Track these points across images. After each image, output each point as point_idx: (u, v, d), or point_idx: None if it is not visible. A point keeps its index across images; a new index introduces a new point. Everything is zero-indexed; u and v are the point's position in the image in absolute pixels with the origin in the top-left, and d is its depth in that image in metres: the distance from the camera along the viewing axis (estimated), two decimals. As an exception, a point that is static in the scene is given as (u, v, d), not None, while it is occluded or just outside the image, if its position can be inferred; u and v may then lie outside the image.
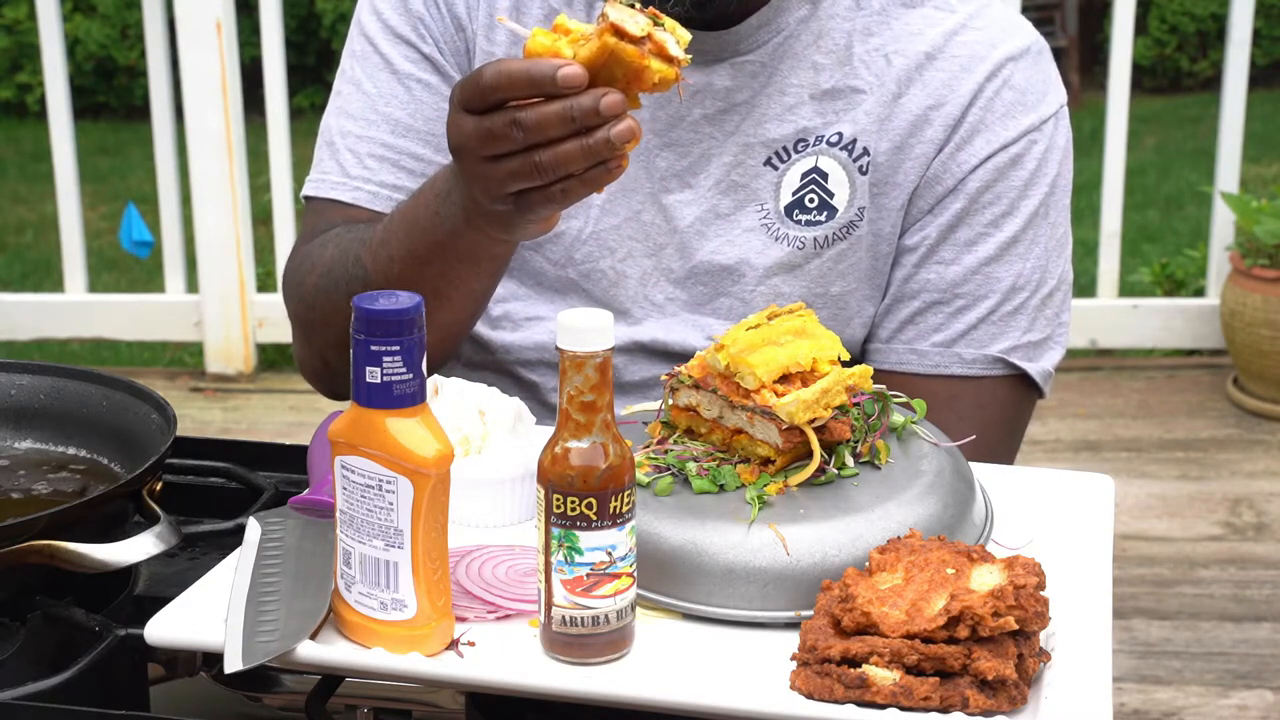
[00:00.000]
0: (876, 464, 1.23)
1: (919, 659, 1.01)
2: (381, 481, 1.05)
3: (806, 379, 1.21)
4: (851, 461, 1.22)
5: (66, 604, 1.19)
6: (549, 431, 1.09)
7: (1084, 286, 4.71)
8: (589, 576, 1.06)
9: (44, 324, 4.78)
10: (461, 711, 1.14)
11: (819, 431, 1.20)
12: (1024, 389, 1.56)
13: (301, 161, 2.21)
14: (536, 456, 1.08)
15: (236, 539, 1.23)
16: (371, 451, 1.05)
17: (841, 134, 1.50)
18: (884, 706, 1.00)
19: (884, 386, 1.28)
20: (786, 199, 1.52)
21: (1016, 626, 1.02)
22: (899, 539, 1.12)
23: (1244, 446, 4.02)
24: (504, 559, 1.19)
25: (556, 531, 1.06)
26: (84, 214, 4.76)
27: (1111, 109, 4.41)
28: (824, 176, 1.51)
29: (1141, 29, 7.89)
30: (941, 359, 1.53)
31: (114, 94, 8.75)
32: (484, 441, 1.30)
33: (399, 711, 1.18)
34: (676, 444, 1.25)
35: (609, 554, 1.06)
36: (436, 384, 1.32)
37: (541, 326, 1.58)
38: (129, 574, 1.28)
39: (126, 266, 6.10)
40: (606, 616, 1.07)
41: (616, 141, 1.17)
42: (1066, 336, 1.58)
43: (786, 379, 1.21)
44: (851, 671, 1.01)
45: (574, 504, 1.05)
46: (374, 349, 1.04)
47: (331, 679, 1.14)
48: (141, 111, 6.63)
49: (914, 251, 1.53)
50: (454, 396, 1.32)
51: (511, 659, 1.08)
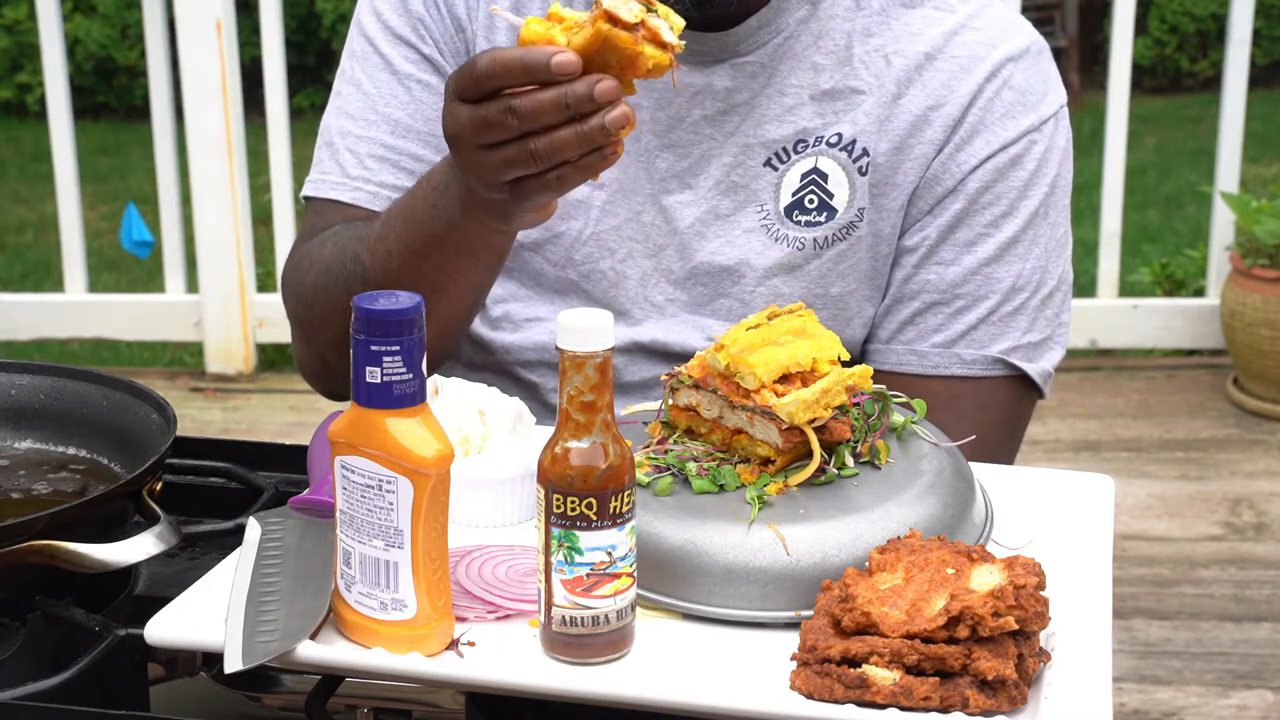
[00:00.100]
0: (876, 464, 1.23)
1: (919, 659, 1.01)
2: (381, 481, 1.05)
3: (806, 379, 1.21)
4: (851, 461, 1.22)
5: (66, 604, 1.19)
6: (549, 431, 1.09)
7: (1084, 286, 4.70)
8: (589, 576, 1.06)
9: (44, 324, 4.78)
10: (461, 711, 1.14)
11: (819, 431, 1.20)
12: (1024, 389, 1.56)
13: (301, 161, 2.21)
14: (536, 456, 1.08)
15: (236, 539, 1.23)
16: (371, 451, 1.05)
17: (841, 135, 1.50)
18: (884, 706, 1.00)
19: (884, 386, 1.28)
20: (786, 200, 1.52)
21: (1016, 626, 1.02)
22: (899, 539, 1.12)
23: (1244, 446, 4.02)
24: (504, 559, 1.19)
25: (556, 531, 1.06)
26: (84, 214, 4.76)
27: (1111, 109, 4.41)
28: (824, 177, 1.51)
29: (1141, 29, 7.89)
30: (941, 359, 1.53)
31: (114, 94, 8.75)
32: (484, 441, 1.30)
33: (399, 711, 1.18)
34: (676, 444, 1.25)
35: (609, 554, 1.06)
36: (436, 384, 1.32)
37: (541, 327, 1.58)
38: (129, 574, 1.28)
39: (126, 266, 6.10)
40: (606, 616, 1.07)
41: (611, 128, 1.17)
42: (1066, 337, 1.58)
43: (786, 379, 1.20)
44: (851, 671, 1.01)
45: (574, 504, 1.05)
46: (374, 349, 1.04)
47: (331, 679, 1.14)
48: (141, 111, 6.63)
49: (914, 252, 1.53)
50: (454, 396, 1.32)
51: (511, 659, 1.08)
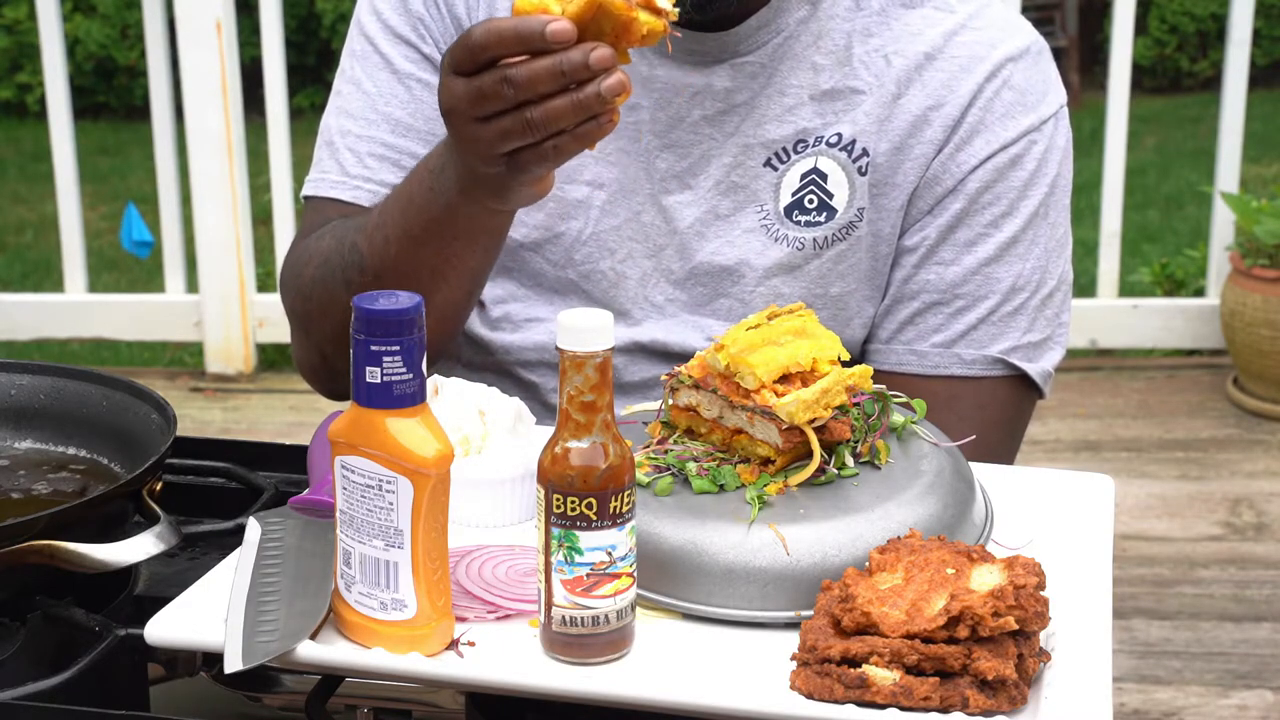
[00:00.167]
0: (876, 464, 1.23)
1: (919, 659, 1.01)
2: (381, 481, 1.05)
3: (806, 379, 1.21)
4: (851, 461, 1.22)
5: (66, 604, 1.19)
6: (549, 431, 1.09)
7: (1084, 286, 4.70)
8: (589, 576, 1.06)
9: (44, 324, 4.78)
10: (461, 711, 1.14)
11: (819, 431, 1.20)
12: (1024, 389, 1.56)
13: (301, 161, 2.21)
14: (536, 456, 1.08)
15: (236, 539, 1.23)
16: (371, 451, 1.05)
17: (841, 135, 1.50)
18: (884, 706, 1.00)
19: (884, 386, 1.28)
20: (786, 200, 1.52)
21: (1016, 626, 1.01)
22: (899, 539, 1.12)
23: (1244, 446, 4.02)
24: (504, 559, 1.19)
25: (556, 531, 1.06)
26: (84, 214, 4.76)
27: (1111, 109, 4.41)
28: (823, 177, 1.51)
29: (1141, 29, 7.89)
30: (941, 359, 1.53)
31: (114, 94, 8.75)
32: (484, 441, 1.30)
33: (399, 711, 1.18)
34: (676, 444, 1.25)
35: (609, 554, 1.06)
36: (436, 384, 1.32)
37: (541, 327, 1.58)
38: (129, 574, 1.28)
39: (126, 266, 6.10)
40: (606, 616, 1.07)
41: (607, 95, 1.17)
42: (1066, 337, 1.58)
43: (786, 379, 1.20)
44: (851, 671, 1.01)
45: (574, 504, 1.05)
46: (374, 349, 1.04)
47: (331, 679, 1.14)
48: (141, 111, 6.63)
49: (913, 252, 1.53)
50: (454, 396, 1.32)
51: (511, 659, 1.08)
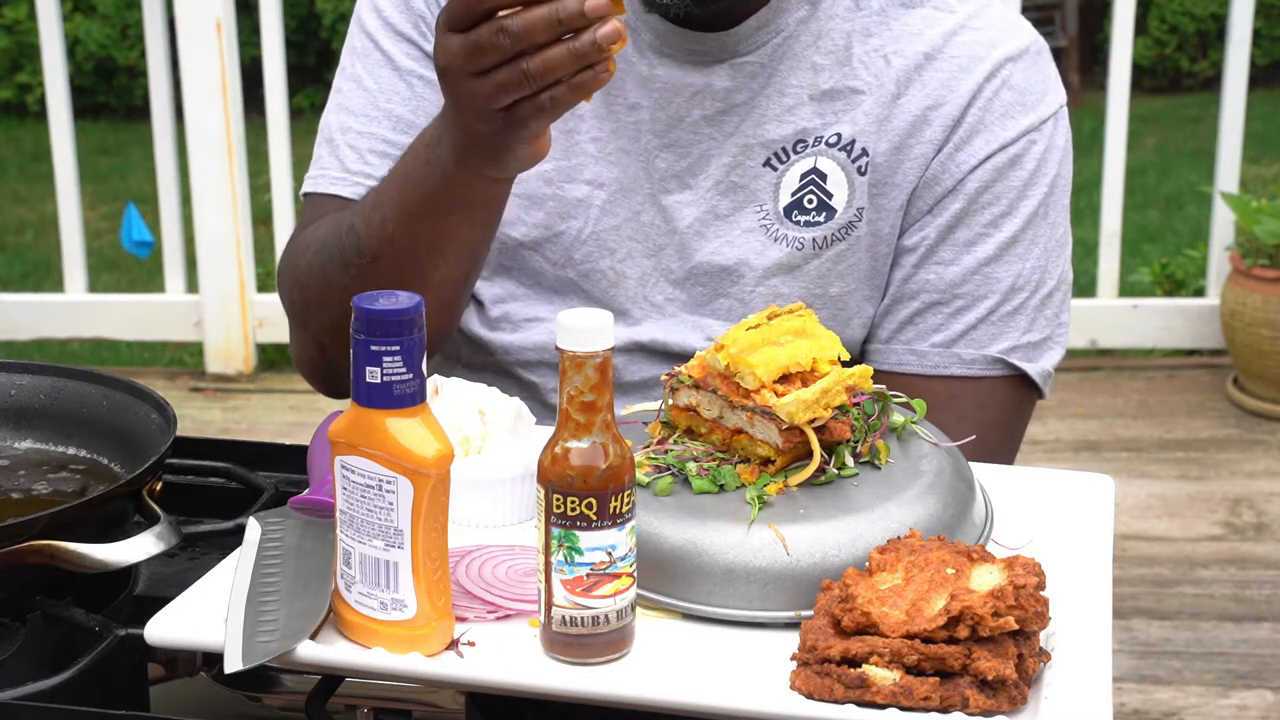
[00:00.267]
0: (876, 464, 1.23)
1: (919, 659, 1.01)
2: (381, 481, 1.05)
3: (806, 379, 1.21)
4: (851, 461, 1.22)
5: (66, 604, 1.19)
6: (549, 431, 1.09)
7: (1084, 286, 4.70)
8: (589, 576, 1.06)
9: (44, 324, 4.78)
10: (461, 711, 1.14)
11: (819, 431, 1.20)
12: (1024, 389, 1.56)
13: (301, 161, 2.21)
14: (536, 456, 1.08)
15: (236, 539, 1.23)
16: (371, 451, 1.05)
17: (840, 135, 1.50)
18: (884, 706, 1.00)
19: (884, 386, 1.28)
20: (785, 200, 1.52)
21: (1016, 626, 1.01)
22: (899, 539, 1.12)
23: (1244, 446, 4.02)
24: (504, 559, 1.19)
25: (556, 531, 1.06)
26: (84, 214, 4.76)
27: (1111, 109, 4.41)
28: (823, 177, 1.51)
29: (1141, 29, 7.89)
30: (941, 359, 1.53)
31: (114, 94, 8.75)
32: (484, 441, 1.30)
33: (399, 711, 1.18)
34: (676, 444, 1.25)
35: (609, 554, 1.06)
36: (436, 384, 1.32)
37: (541, 327, 1.58)
38: (129, 574, 1.28)
39: (126, 266, 6.10)
40: (606, 616, 1.07)
41: (603, 43, 1.18)
42: (1066, 337, 1.58)
43: (786, 379, 1.20)
44: (851, 671, 1.01)
45: (574, 504, 1.05)
46: (374, 349, 1.04)
47: (331, 679, 1.14)
48: (141, 111, 6.63)
49: (913, 252, 1.53)
50: (454, 396, 1.32)
51: (511, 659, 1.08)
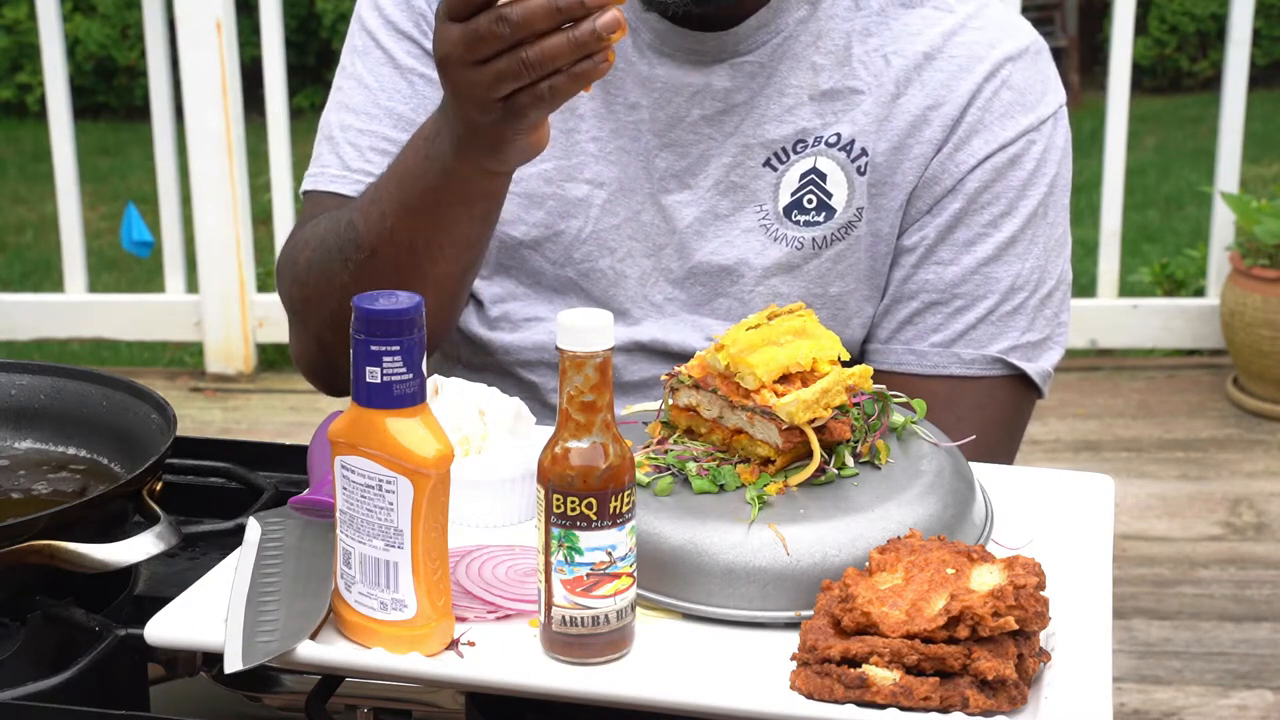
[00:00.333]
0: (876, 464, 1.23)
1: (919, 659, 1.01)
2: (381, 481, 1.05)
3: (806, 379, 1.21)
4: (851, 461, 1.22)
5: (66, 604, 1.19)
6: (549, 431, 1.09)
7: (1084, 286, 4.70)
8: (589, 576, 1.06)
9: (44, 324, 4.78)
10: (461, 711, 1.14)
11: (819, 431, 1.20)
12: (1023, 389, 1.56)
13: (301, 161, 2.21)
14: (536, 456, 1.08)
15: (236, 539, 1.23)
16: (371, 451, 1.05)
17: (840, 134, 1.50)
18: (884, 706, 1.00)
19: (884, 386, 1.28)
20: (785, 200, 1.52)
21: (1016, 626, 1.01)
22: (899, 539, 1.12)
23: (1244, 446, 4.02)
24: (504, 559, 1.19)
25: (556, 531, 1.06)
26: (84, 214, 4.76)
27: (1111, 109, 4.41)
28: (822, 177, 1.51)
29: (1141, 29, 7.89)
30: (940, 359, 1.53)
31: (114, 94, 8.75)
32: (484, 441, 1.30)
33: (399, 711, 1.18)
34: (676, 444, 1.25)
35: (609, 554, 1.06)
36: (436, 384, 1.32)
37: (541, 327, 1.58)
38: (129, 574, 1.28)
39: (126, 266, 6.10)
40: (606, 616, 1.07)
41: (602, 31, 1.17)
42: (1066, 336, 1.58)
43: (786, 379, 1.20)
44: (851, 671, 1.01)
45: (574, 504, 1.05)
46: (374, 349, 1.04)
47: (331, 679, 1.14)
48: (141, 111, 6.63)
49: (912, 252, 1.53)
50: (454, 396, 1.32)
51: (511, 659, 1.08)
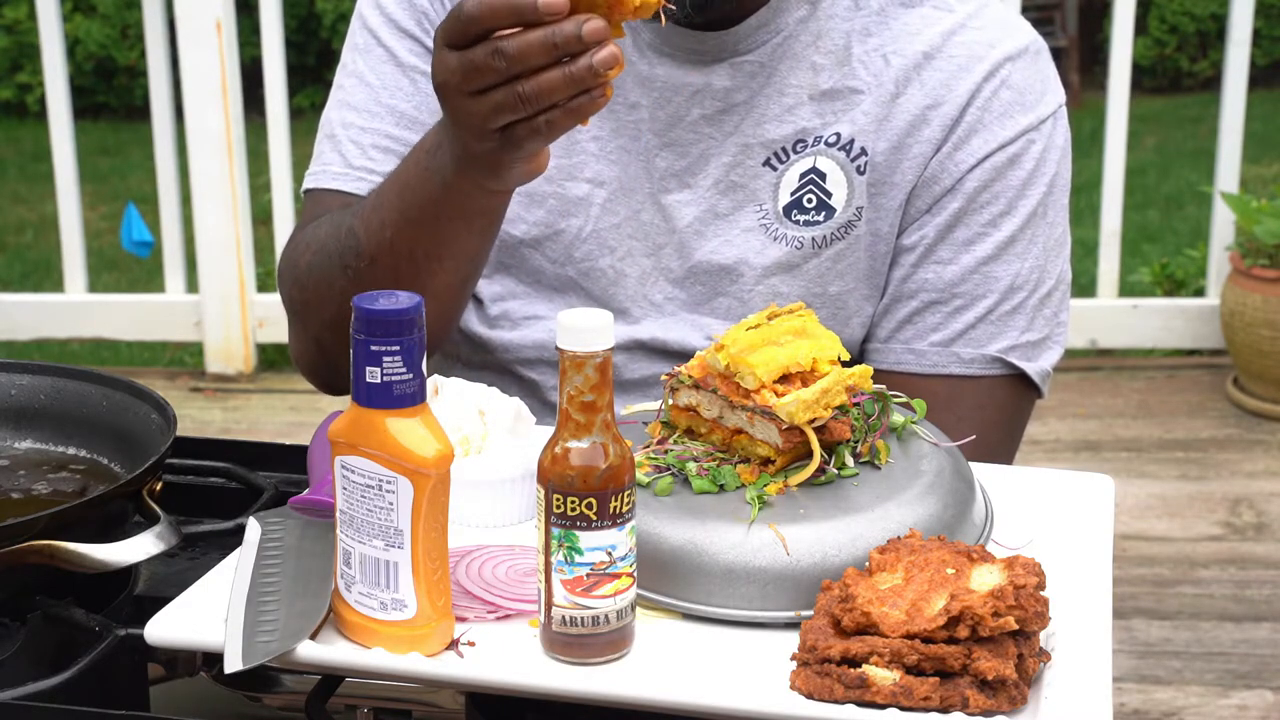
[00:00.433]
0: (876, 464, 1.23)
1: (919, 659, 1.01)
2: (381, 481, 1.05)
3: (806, 379, 1.21)
4: (851, 461, 1.22)
5: (66, 604, 1.19)
6: (549, 431, 1.09)
7: (1084, 286, 4.70)
8: (589, 576, 1.06)
9: (44, 324, 4.78)
10: (461, 711, 1.14)
11: (819, 431, 1.20)
12: (1022, 389, 1.56)
13: (301, 161, 2.21)
14: (536, 456, 1.08)
15: (236, 539, 1.23)
16: (371, 451, 1.05)
17: (840, 134, 1.50)
18: (884, 706, 1.00)
19: (884, 386, 1.28)
20: (785, 199, 1.52)
21: (1016, 626, 1.01)
22: (899, 539, 1.12)
23: (1244, 446, 4.02)
24: (504, 559, 1.19)
25: (556, 531, 1.06)
26: (84, 214, 4.76)
27: (1111, 109, 4.41)
28: (822, 177, 1.51)
29: (1141, 29, 7.89)
30: (940, 359, 1.53)
31: (114, 94, 8.75)
32: (484, 441, 1.30)
33: (399, 711, 1.18)
34: (676, 444, 1.25)
35: (609, 554, 1.06)
36: (436, 384, 1.32)
37: (540, 325, 1.58)
38: (129, 574, 1.28)
39: (126, 266, 6.10)
40: (606, 616, 1.07)
41: (600, 68, 1.17)
42: (1065, 336, 1.58)
43: (786, 379, 1.20)
44: (851, 671, 1.01)
45: (574, 504, 1.05)
46: (374, 349, 1.04)
47: (331, 679, 1.14)
48: (141, 111, 6.63)
49: (912, 251, 1.53)
50: (454, 396, 1.32)
51: (511, 659, 1.08)
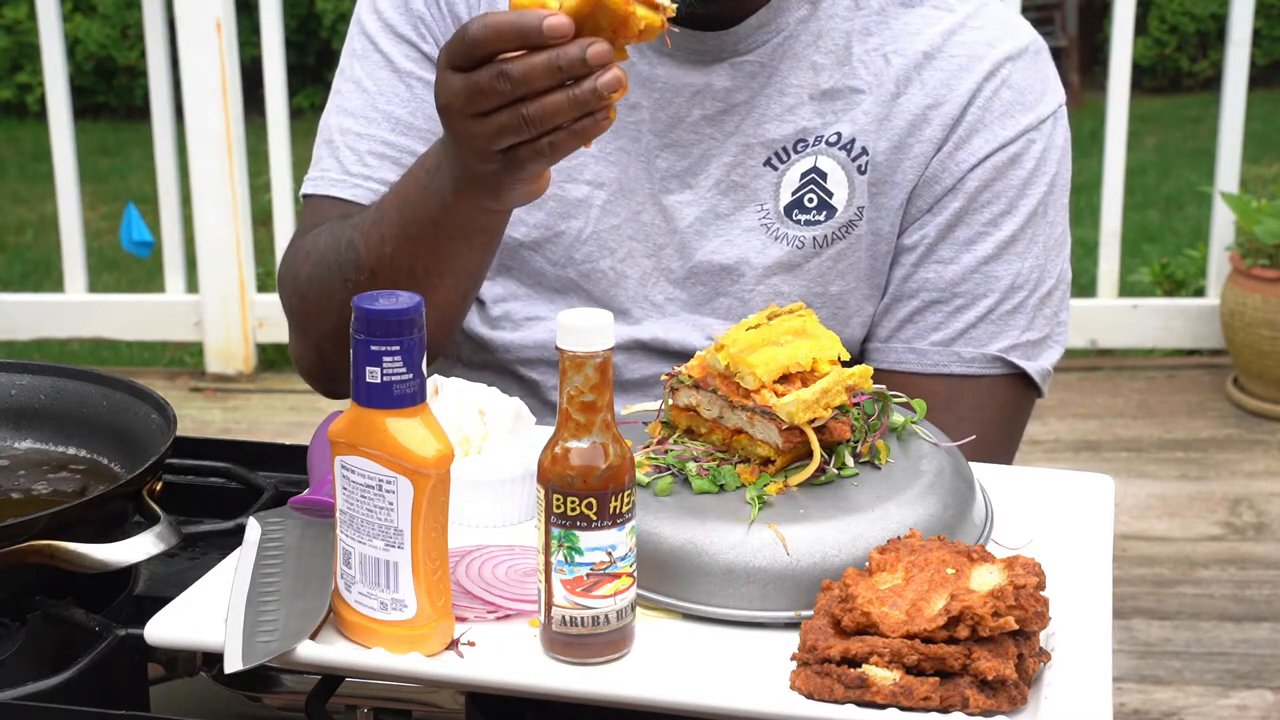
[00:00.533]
0: (876, 464, 1.23)
1: (919, 659, 1.01)
2: (381, 481, 1.05)
3: (806, 379, 1.21)
4: (851, 461, 1.22)
5: (66, 604, 1.19)
6: (549, 431, 1.09)
7: (1084, 286, 4.70)
8: (589, 576, 1.06)
9: (44, 324, 4.78)
10: (461, 711, 1.14)
11: (819, 431, 1.20)
12: (1023, 388, 1.56)
13: (301, 161, 2.21)
14: (536, 456, 1.08)
15: (236, 539, 1.23)
16: (371, 451, 1.05)
17: (840, 134, 1.50)
18: (884, 706, 1.00)
19: (884, 386, 1.28)
20: (786, 199, 1.52)
21: (1016, 626, 1.02)
22: (899, 539, 1.12)
23: (1244, 446, 4.02)
24: (504, 559, 1.19)
25: (556, 531, 1.06)
26: (84, 214, 4.76)
27: (1111, 109, 4.41)
28: (823, 176, 1.51)
29: (1141, 29, 7.89)
30: (940, 358, 1.53)
31: (114, 94, 8.75)
32: (484, 441, 1.30)
33: (399, 711, 1.18)
34: (676, 444, 1.25)
35: (609, 554, 1.06)
36: (436, 384, 1.32)
37: (541, 325, 1.58)
38: (129, 574, 1.28)
39: (126, 266, 6.10)
40: (606, 616, 1.07)
41: (603, 91, 1.17)
42: (1065, 335, 1.58)
43: (786, 379, 1.20)
44: (851, 671, 1.01)
45: (574, 504, 1.05)
46: (374, 349, 1.04)
47: (331, 679, 1.14)
48: (141, 111, 6.63)
49: (913, 250, 1.53)
50: (454, 396, 1.32)
51: (511, 659, 1.08)
